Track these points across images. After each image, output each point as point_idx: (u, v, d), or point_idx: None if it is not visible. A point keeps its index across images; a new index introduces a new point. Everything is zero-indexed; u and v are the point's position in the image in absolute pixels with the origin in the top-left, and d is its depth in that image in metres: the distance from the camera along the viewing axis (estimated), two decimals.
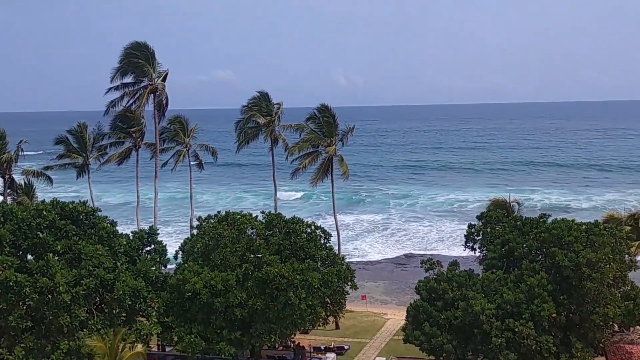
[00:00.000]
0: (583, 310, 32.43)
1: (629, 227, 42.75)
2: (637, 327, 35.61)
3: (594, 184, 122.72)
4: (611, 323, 33.32)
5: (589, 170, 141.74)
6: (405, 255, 75.18)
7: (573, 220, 35.75)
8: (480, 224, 42.18)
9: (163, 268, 40.07)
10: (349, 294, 41.19)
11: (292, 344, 41.84)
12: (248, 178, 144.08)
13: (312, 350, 41.87)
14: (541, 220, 38.93)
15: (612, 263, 32.47)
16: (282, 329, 36.43)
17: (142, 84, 53.60)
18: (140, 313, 36.55)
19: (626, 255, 34.72)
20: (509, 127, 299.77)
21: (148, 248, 41.05)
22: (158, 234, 42.06)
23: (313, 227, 41.58)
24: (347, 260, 43.76)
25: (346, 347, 42.88)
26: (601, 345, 33.77)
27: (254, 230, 40.25)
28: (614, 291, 33.65)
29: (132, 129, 56.09)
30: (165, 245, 41.71)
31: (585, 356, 31.86)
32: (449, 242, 79.28)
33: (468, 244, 42.81)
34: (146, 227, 43.12)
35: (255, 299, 35.15)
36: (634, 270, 35.77)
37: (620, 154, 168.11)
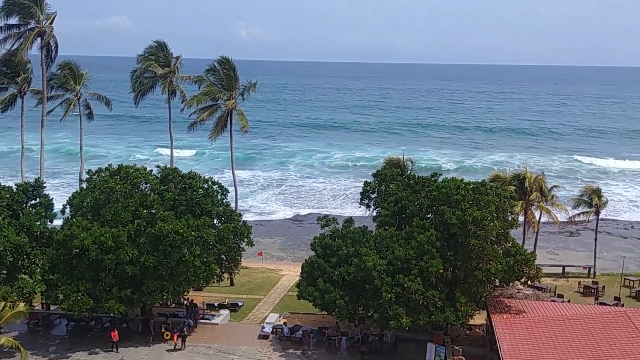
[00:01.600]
0: (468, 266, 33.98)
1: (513, 187, 45.15)
2: (516, 282, 37.93)
3: (482, 145, 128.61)
4: (493, 278, 35.18)
5: (477, 132, 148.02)
6: (302, 212, 75.86)
7: (461, 180, 37.11)
8: (375, 182, 43.04)
9: (49, 223, 38.24)
10: (244, 250, 41.06)
11: (185, 301, 41.36)
12: (143, 131, 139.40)
13: (205, 307, 41.60)
14: (432, 179, 40.21)
15: (495, 221, 34.10)
16: (175, 287, 35.88)
17: (29, 27, 50.10)
18: (23, 270, 34.78)
19: (509, 214, 36.58)
20: (403, 88, 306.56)
21: (33, 202, 39.04)
22: (44, 186, 39.96)
23: (210, 183, 40.84)
24: (243, 216, 43.47)
25: (240, 304, 42.95)
26: (483, 299, 35.69)
27: (148, 185, 38.95)
28: (497, 248, 35.41)
29: (17, 75, 52.38)
30: (52, 199, 39.82)
31: (468, 310, 33.62)
32: (344, 200, 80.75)
33: (363, 202, 43.62)
34: (31, 180, 40.80)
35: (148, 255, 34.26)
36: (516, 228, 37.88)
37: (506, 117, 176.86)
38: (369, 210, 43.59)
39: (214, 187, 40.72)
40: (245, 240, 39.50)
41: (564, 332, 30.36)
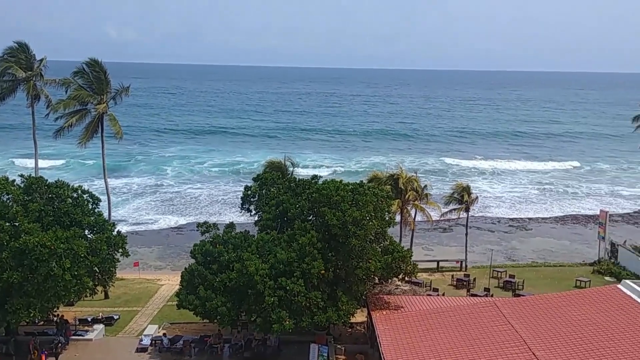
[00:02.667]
0: (348, 266, 34.51)
1: (389, 187, 46.48)
2: (395, 278, 39.05)
3: (360, 147, 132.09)
4: (372, 276, 35.98)
5: (354, 134, 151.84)
6: (180, 219, 73.91)
7: (341, 181, 37.66)
8: (256, 186, 42.70)
9: None
10: (119, 261, 39.19)
11: (54, 318, 38.83)
12: (3, 138, 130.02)
13: (77, 322, 39.26)
14: (313, 181, 40.52)
15: (374, 220, 34.90)
16: (43, 303, 33.49)
17: None
18: None
19: (386, 213, 37.58)
20: (282, 91, 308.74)
21: None
22: None
23: (80, 192, 38.67)
24: (118, 226, 41.56)
25: (116, 317, 40.96)
26: (363, 297, 36.38)
27: (9, 195, 36.21)
28: (375, 246, 36.25)
29: None
30: None
31: (350, 308, 34.13)
32: (224, 205, 79.66)
33: (244, 206, 43.15)
34: None
35: (11, 271, 31.78)
36: (393, 227, 38.99)
37: (382, 120, 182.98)
38: (251, 215, 43.20)
39: (84, 196, 38.60)
40: (120, 250, 37.70)
41: (439, 324, 31.55)
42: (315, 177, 41.96)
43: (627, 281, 32.00)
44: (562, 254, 61.34)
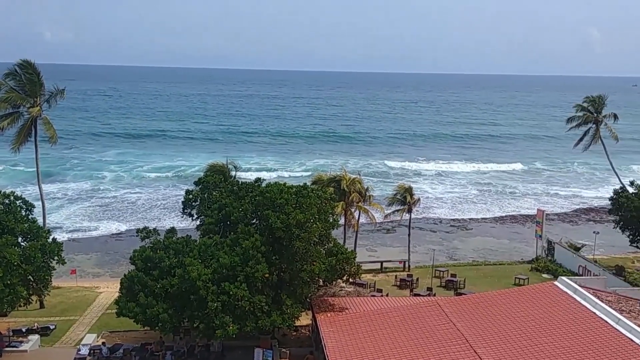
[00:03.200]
0: (293, 269, 34.33)
1: (333, 189, 46.57)
2: (339, 280, 39.07)
3: (304, 150, 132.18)
4: (317, 279, 35.89)
5: (298, 137, 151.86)
6: (119, 225, 72.09)
7: (284, 184, 37.45)
8: (198, 189, 42.01)
9: None
10: (55, 269, 37.86)
11: None
12: None
13: (11, 334, 37.65)
14: (256, 184, 40.17)
15: (318, 223, 34.84)
16: None
17: None
18: None
19: (330, 215, 37.60)
20: (222, 93, 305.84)
21: None
22: None
23: (12, 198, 37.24)
24: (53, 233, 40.18)
25: (52, 327, 39.50)
26: (308, 300, 36.26)
27: None
28: (319, 249, 36.19)
29: None
30: None
31: (294, 311, 33.95)
32: (164, 210, 78.19)
33: (186, 211, 42.41)
34: None
35: None
36: (337, 229, 39.06)
37: (325, 122, 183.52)
38: (192, 220, 42.50)
39: (17, 202, 37.19)
40: (56, 258, 36.48)
41: (383, 324, 31.72)
42: (258, 179, 41.61)
43: (563, 278, 32.92)
44: (502, 253, 62.85)
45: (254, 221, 36.74)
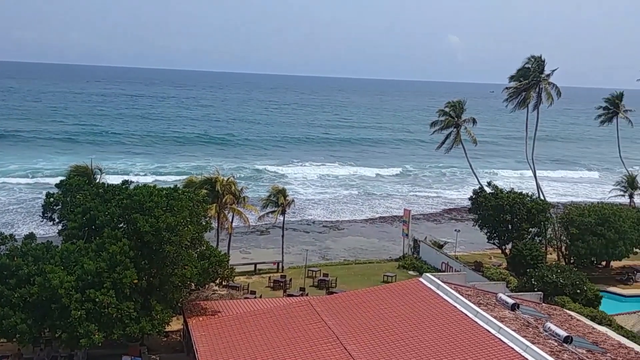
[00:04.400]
0: (163, 273, 33.49)
1: (205, 191, 45.93)
2: (212, 283, 38.61)
3: (176, 152, 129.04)
4: (189, 283, 35.25)
5: (170, 138, 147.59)
6: None
7: (154, 186, 36.46)
8: (60, 192, 39.81)
9: None
10: None
11: None
12: None
13: None
14: (123, 187, 38.71)
15: (190, 226, 34.21)
16: None
17: None
18: None
19: (202, 218, 37.06)
20: (85, 91, 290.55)
21: None
22: None
23: None
24: None
25: None
26: (179, 305, 35.51)
27: None
28: (192, 252, 35.60)
29: None
30: None
31: (165, 317, 33.11)
32: (21, 215, 73.13)
33: (46, 215, 40.05)
34: None
35: None
36: (209, 231, 38.58)
37: (196, 124, 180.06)
38: (54, 224, 40.23)
39: None
40: None
41: (256, 326, 31.74)
42: (126, 182, 40.13)
43: (428, 274, 34.62)
44: (372, 252, 64.98)
45: (121, 225, 35.36)
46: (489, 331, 27.34)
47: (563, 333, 27.20)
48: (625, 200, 71.32)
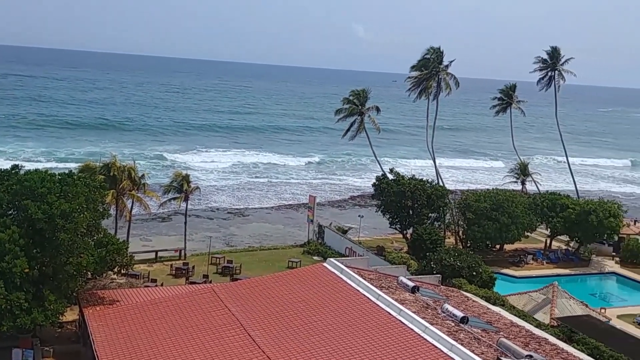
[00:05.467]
0: (57, 262, 31.91)
1: (103, 176, 44.07)
2: (110, 272, 37.19)
3: (68, 137, 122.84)
4: (85, 271, 33.78)
5: (64, 123, 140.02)
6: None
7: (46, 171, 34.57)
8: None
9: None
10: None
11: None
12: None
13: None
14: (13, 172, 36.38)
15: (85, 212, 32.71)
16: None
17: None
18: None
19: (99, 204, 35.53)
20: None
21: None
22: None
23: None
24: None
25: None
26: (74, 294, 33.99)
27: None
28: (88, 240, 34.14)
29: None
30: None
31: (58, 307, 31.58)
32: None
33: None
34: None
35: None
36: (107, 218, 37.07)
37: (94, 108, 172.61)
38: None
39: None
40: None
41: (157, 315, 30.89)
42: (16, 167, 37.73)
43: (332, 259, 34.94)
44: (277, 238, 64.92)
45: (10, 212, 33.30)
46: (390, 313, 27.93)
47: (460, 314, 28.23)
48: (517, 186, 75.00)
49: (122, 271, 37.80)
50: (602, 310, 45.80)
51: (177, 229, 62.24)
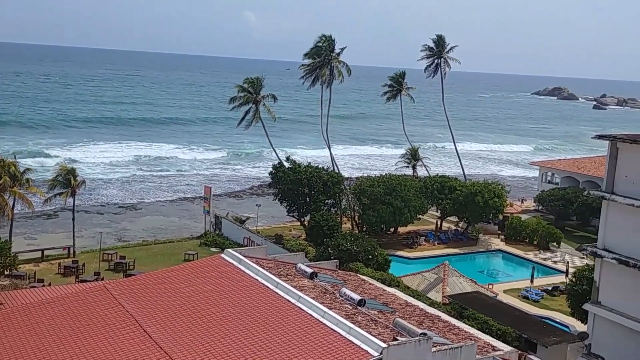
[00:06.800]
0: None
1: None
2: None
3: None
4: None
5: None
6: None
7: None
8: None
9: None
10: None
11: None
12: None
13: None
14: None
15: None
16: None
17: None
18: None
19: None
20: None
21: None
22: None
23: None
24: None
25: None
26: None
27: None
28: None
29: None
30: None
31: None
32: None
33: None
34: None
35: None
36: None
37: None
38: None
39: None
40: None
41: (45, 317, 29.21)
42: None
43: (229, 250, 34.44)
44: (172, 230, 63.47)
45: None
46: (289, 301, 27.94)
47: (357, 297, 28.72)
48: (409, 171, 77.44)
49: (5, 272, 35.55)
50: (490, 286, 48.32)
51: (64, 225, 59.31)
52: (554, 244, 61.75)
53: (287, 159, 62.54)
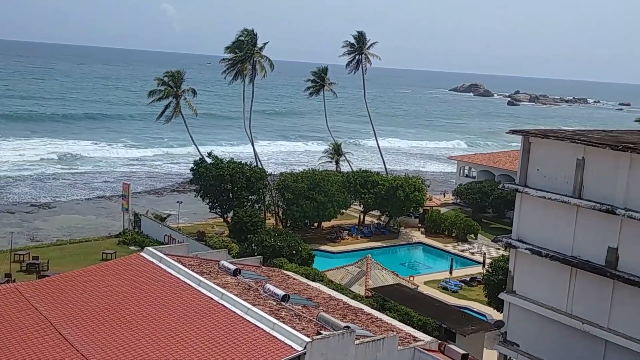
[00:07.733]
0: None
1: None
2: None
3: None
4: None
5: None
6: None
7: None
8: None
9: None
10: None
11: None
12: None
13: None
14: None
15: None
16: None
17: None
18: None
19: None
20: None
21: None
22: None
23: None
24: None
25: None
26: None
27: None
28: None
29: None
30: None
31: None
32: None
33: None
34: None
35: None
36: None
37: None
38: None
39: None
40: None
41: None
42: None
43: (149, 248, 33.55)
44: (89, 229, 61.33)
45: None
46: (212, 298, 27.51)
47: (281, 292, 28.62)
48: (332, 166, 78.01)
49: None
50: (411, 278, 49.40)
51: None
52: (472, 235, 63.80)
53: (209, 154, 61.60)
